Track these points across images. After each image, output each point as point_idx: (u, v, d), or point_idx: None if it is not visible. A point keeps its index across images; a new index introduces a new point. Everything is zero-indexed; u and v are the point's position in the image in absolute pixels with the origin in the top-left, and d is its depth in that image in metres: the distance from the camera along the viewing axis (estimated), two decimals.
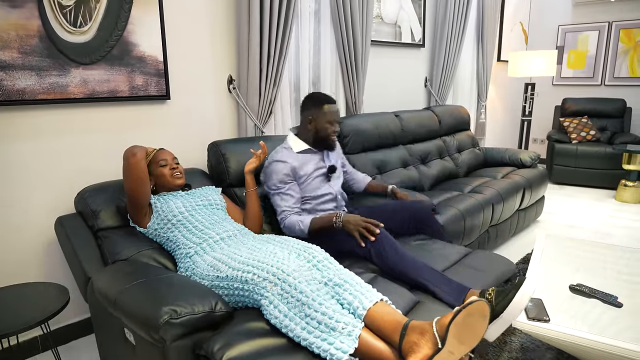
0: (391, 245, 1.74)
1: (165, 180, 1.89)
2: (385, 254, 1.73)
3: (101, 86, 2.06)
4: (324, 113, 2.12)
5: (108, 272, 1.59)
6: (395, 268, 1.70)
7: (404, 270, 1.68)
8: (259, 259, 1.43)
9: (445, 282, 1.61)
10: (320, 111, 2.12)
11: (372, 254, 1.76)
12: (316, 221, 1.99)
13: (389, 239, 1.77)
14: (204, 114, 2.50)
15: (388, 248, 1.74)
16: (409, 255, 1.72)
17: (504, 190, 3.14)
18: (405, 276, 1.66)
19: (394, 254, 1.72)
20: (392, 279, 1.69)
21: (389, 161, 3.07)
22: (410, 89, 4.08)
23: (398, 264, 1.70)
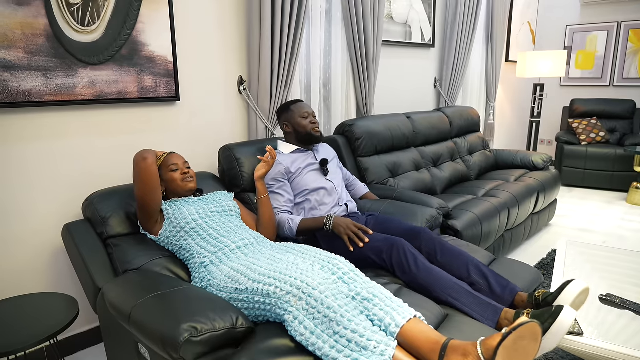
0: (412, 256, 1.66)
1: (176, 185, 1.82)
2: (408, 266, 1.65)
3: (109, 87, 1.98)
4: (293, 111, 2.20)
5: (120, 284, 1.51)
6: (418, 282, 1.62)
7: (428, 285, 1.60)
8: (281, 271, 1.35)
9: (476, 302, 1.51)
10: (289, 112, 2.21)
11: (393, 265, 1.69)
12: (306, 221, 1.97)
13: (409, 249, 1.69)
14: (214, 115, 2.43)
15: (410, 259, 1.66)
16: (433, 269, 1.63)
17: (518, 193, 3.07)
18: (430, 292, 1.58)
19: (415, 266, 1.64)
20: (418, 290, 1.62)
21: (401, 164, 3.00)
22: (420, 90, 4.01)
23: (421, 278, 1.62)
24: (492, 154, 4.00)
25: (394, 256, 1.68)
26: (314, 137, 2.20)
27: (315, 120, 2.21)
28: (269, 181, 2.08)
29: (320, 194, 2.11)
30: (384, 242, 1.75)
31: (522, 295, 1.56)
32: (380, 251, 1.73)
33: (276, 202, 2.05)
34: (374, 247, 1.76)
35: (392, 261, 1.68)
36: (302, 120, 2.18)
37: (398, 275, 1.68)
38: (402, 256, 1.66)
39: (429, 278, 1.58)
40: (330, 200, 2.13)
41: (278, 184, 2.09)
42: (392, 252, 1.69)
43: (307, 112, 2.20)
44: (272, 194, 2.07)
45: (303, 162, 2.17)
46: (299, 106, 2.21)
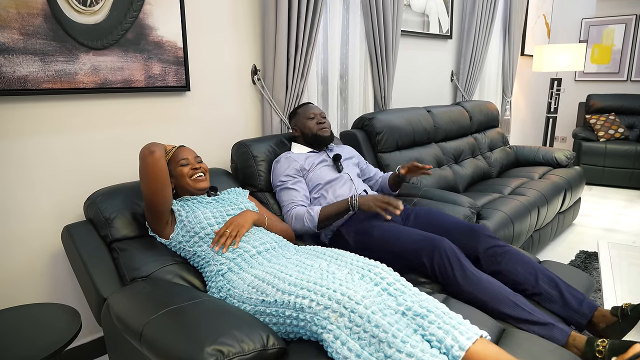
0: (457, 261, 1.47)
1: (186, 181, 1.63)
2: (453, 274, 1.45)
3: (114, 75, 1.80)
4: (299, 114, 2.12)
5: (128, 295, 1.33)
6: (465, 294, 1.43)
7: (476, 298, 1.41)
8: (315, 281, 1.17)
9: (538, 322, 1.31)
10: (296, 115, 2.13)
11: (435, 271, 1.50)
12: (327, 208, 1.80)
13: (454, 251, 1.50)
14: (226, 107, 2.24)
15: (455, 264, 1.46)
16: (482, 279, 1.43)
17: (546, 191, 2.89)
18: (479, 304, 1.39)
19: (461, 273, 1.44)
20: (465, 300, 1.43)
21: (423, 160, 2.81)
22: (436, 83, 3.82)
23: (468, 289, 1.42)
24: (512, 150, 3.82)
25: (436, 259, 1.49)
26: (320, 138, 2.06)
27: (322, 121, 2.09)
28: (283, 177, 1.92)
29: (335, 187, 1.95)
30: (423, 241, 1.55)
31: (602, 310, 1.38)
32: (419, 252, 1.54)
33: (292, 198, 1.88)
34: (412, 247, 1.58)
35: (434, 265, 1.49)
36: (307, 122, 2.07)
37: (440, 283, 1.50)
38: (444, 260, 1.47)
39: (478, 289, 1.40)
40: (347, 190, 1.96)
41: (293, 180, 1.93)
42: (434, 254, 1.50)
43: (313, 113, 2.09)
44: (286, 190, 1.91)
45: (316, 160, 2.03)
46: (305, 108, 2.12)
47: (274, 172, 1.98)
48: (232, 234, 1.47)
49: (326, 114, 2.47)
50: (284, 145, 2.16)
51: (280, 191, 1.93)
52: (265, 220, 1.63)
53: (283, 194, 1.91)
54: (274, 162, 2.01)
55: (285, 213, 1.87)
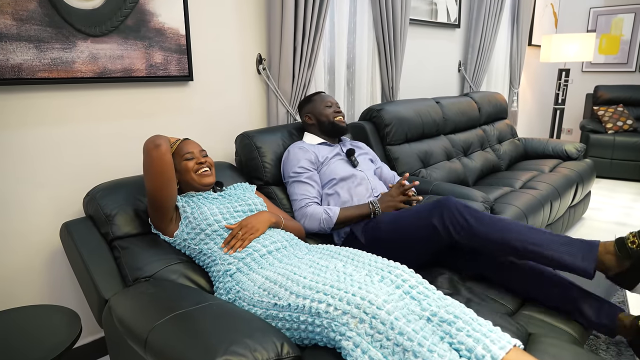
0: (466, 208, 1.42)
1: (190, 177, 1.55)
2: (464, 219, 1.40)
3: (114, 63, 1.70)
4: (315, 101, 2.04)
5: (131, 297, 1.25)
6: (483, 236, 1.37)
7: (500, 237, 1.34)
8: (332, 284, 1.09)
9: (563, 242, 1.28)
10: (312, 103, 2.04)
11: (448, 226, 1.42)
12: (347, 210, 1.74)
13: (461, 203, 1.45)
14: (231, 97, 2.15)
15: (465, 212, 1.41)
16: (495, 218, 1.40)
17: (558, 185, 2.81)
18: (505, 246, 1.34)
19: (472, 216, 1.40)
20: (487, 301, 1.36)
21: (433, 153, 2.73)
22: (444, 73, 3.72)
23: (484, 230, 1.37)
24: (521, 142, 3.74)
25: (446, 215, 1.43)
26: (337, 127, 1.99)
27: (339, 110, 2.03)
28: (297, 169, 1.83)
29: (351, 185, 1.85)
30: (429, 208, 1.51)
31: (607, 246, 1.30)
32: (428, 218, 1.48)
33: (305, 193, 1.80)
34: (419, 217, 1.52)
35: (445, 222, 1.43)
36: (325, 109, 2.00)
37: (456, 237, 1.42)
38: (454, 212, 1.42)
39: (496, 227, 1.35)
40: (363, 190, 1.86)
41: (307, 173, 1.84)
42: (443, 212, 1.45)
43: (331, 102, 2.03)
44: (299, 183, 1.82)
45: (330, 153, 1.94)
46: (322, 96, 2.05)
47: (285, 162, 1.89)
48: (244, 237, 1.39)
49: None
50: (291, 137, 2.07)
51: (293, 184, 1.84)
52: (282, 222, 1.55)
53: (296, 188, 1.82)
54: (286, 151, 1.92)
55: (298, 209, 1.78)
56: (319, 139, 1.99)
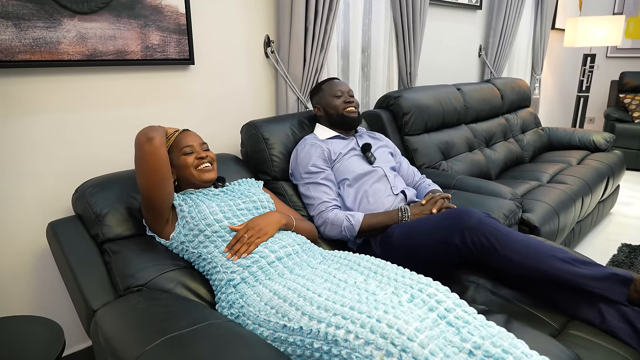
0: (494, 232, 1.25)
1: (190, 173, 1.38)
2: (493, 249, 1.24)
3: (105, 44, 1.53)
4: (324, 91, 1.83)
5: (119, 312, 1.10)
6: (516, 265, 1.23)
7: (528, 265, 1.22)
8: (352, 305, 0.92)
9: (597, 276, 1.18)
10: (320, 92, 1.84)
11: (474, 254, 1.27)
12: (373, 217, 1.55)
13: (485, 222, 1.28)
14: (236, 83, 1.97)
15: (492, 239, 1.25)
16: (523, 241, 1.25)
17: (589, 179, 2.61)
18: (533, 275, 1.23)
19: (502, 245, 1.24)
20: (529, 318, 1.18)
21: (454, 144, 2.53)
22: (463, 58, 3.50)
23: (518, 259, 1.23)
24: (545, 132, 3.51)
25: (468, 236, 1.27)
26: (347, 119, 1.77)
27: (350, 99, 1.80)
28: (310, 168, 1.64)
29: (366, 184, 1.67)
30: (448, 225, 1.33)
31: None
32: (449, 238, 1.31)
33: (322, 196, 1.61)
34: (439, 235, 1.35)
35: (467, 243, 1.27)
36: (333, 100, 1.79)
37: (479, 259, 1.28)
38: (478, 233, 1.26)
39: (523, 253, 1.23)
40: (382, 188, 1.68)
41: (322, 173, 1.65)
42: (465, 233, 1.28)
43: (340, 90, 1.80)
44: (315, 185, 1.64)
45: (344, 148, 1.74)
46: (331, 84, 1.83)
47: (296, 161, 1.70)
48: (251, 240, 1.22)
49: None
50: (302, 127, 1.89)
51: (307, 186, 1.65)
52: (293, 223, 1.37)
53: (312, 190, 1.64)
54: (296, 148, 1.74)
55: (317, 214, 1.61)
56: (330, 132, 1.79)
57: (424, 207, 1.54)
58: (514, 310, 1.26)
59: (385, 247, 1.48)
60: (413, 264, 1.38)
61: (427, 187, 1.83)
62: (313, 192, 1.63)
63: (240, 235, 1.24)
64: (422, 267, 1.38)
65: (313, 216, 1.63)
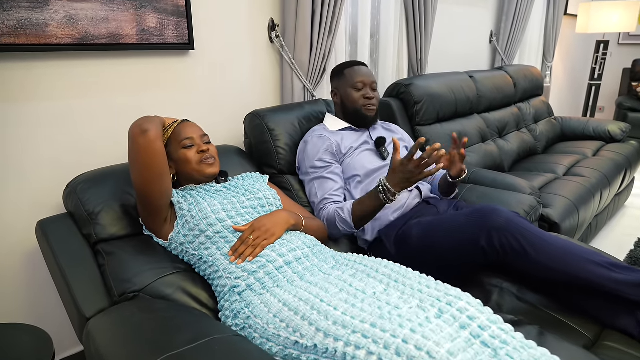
0: (524, 233, 1.15)
1: (191, 168, 1.27)
2: (524, 253, 1.14)
3: (97, 27, 1.41)
4: (345, 77, 1.65)
5: (113, 323, 1.00)
6: (548, 270, 1.14)
7: (560, 270, 1.12)
8: (373, 321, 0.81)
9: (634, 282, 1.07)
10: (341, 77, 1.66)
11: (502, 258, 1.17)
12: (358, 205, 1.40)
13: (514, 223, 1.17)
14: (239, 70, 1.85)
15: (523, 241, 1.15)
16: (556, 245, 1.15)
17: (607, 171, 2.50)
18: (565, 280, 1.13)
19: (534, 249, 1.14)
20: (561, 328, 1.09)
21: (467, 134, 2.42)
22: (474, 44, 3.36)
23: (550, 264, 1.13)
24: (558, 122, 3.39)
25: (496, 238, 1.16)
26: (361, 117, 1.63)
27: (371, 95, 1.62)
28: (316, 162, 1.53)
29: (376, 180, 1.55)
30: (473, 225, 1.22)
31: None
32: (474, 240, 1.20)
33: (326, 192, 1.50)
34: (463, 236, 1.24)
35: (495, 246, 1.16)
36: (352, 92, 1.62)
37: (507, 262, 1.18)
38: (507, 235, 1.15)
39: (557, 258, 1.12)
40: None
41: (328, 167, 1.53)
42: (493, 235, 1.17)
43: (363, 82, 1.62)
44: (320, 180, 1.52)
45: (355, 141, 1.61)
46: (354, 71, 1.64)
47: (303, 154, 1.59)
48: (256, 243, 1.12)
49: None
50: (310, 118, 1.76)
51: (312, 181, 1.54)
52: (302, 223, 1.27)
53: (316, 186, 1.53)
54: (304, 140, 1.62)
55: (318, 212, 1.50)
56: (342, 123, 1.66)
57: (404, 164, 1.25)
58: (543, 318, 1.16)
59: (401, 246, 1.38)
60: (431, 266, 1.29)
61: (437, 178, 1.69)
62: (317, 189, 1.52)
63: (245, 237, 1.14)
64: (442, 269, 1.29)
65: (315, 213, 1.53)
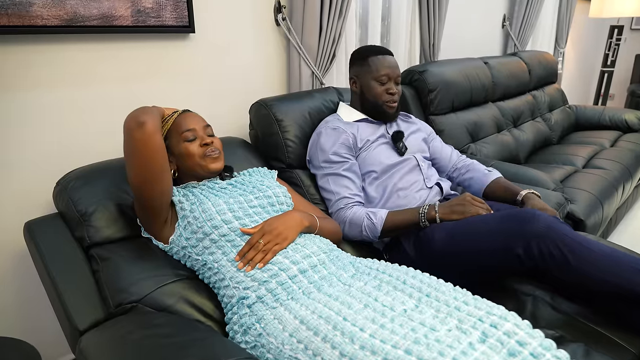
0: (566, 240, 1.04)
1: (193, 163, 1.15)
2: (565, 261, 1.03)
3: (87, 7, 1.27)
4: (369, 66, 1.48)
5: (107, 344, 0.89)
6: (591, 281, 1.03)
7: (604, 280, 1.01)
8: (408, 347, 0.70)
9: None
10: (364, 65, 1.49)
11: (540, 266, 1.06)
12: (395, 216, 1.31)
13: (555, 229, 1.06)
14: (243, 55, 1.72)
15: (565, 249, 1.03)
16: (599, 252, 1.04)
17: (629, 163, 2.39)
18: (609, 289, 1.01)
19: (576, 258, 1.03)
20: (605, 343, 0.98)
21: (482, 124, 2.30)
22: (486, 29, 3.21)
23: (593, 273, 1.02)
24: (572, 111, 3.26)
25: (535, 246, 1.04)
26: (382, 112, 1.49)
27: (394, 90, 1.48)
28: (331, 156, 1.41)
29: (395, 176, 1.44)
30: (507, 230, 1.10)
31: None
32: (509, 246, 1.08)
33: (343, 190, 1.38)
34: (494, 242, 1.12)
35: (534, 254, 1.05)
36: (375, 85, 1.47)
37: (545, 270, 1.06)
38: (548, 242, 1.04)
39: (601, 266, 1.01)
40: (413, 180, 1.45)
41: (345, 163, 1.41)
42: (531, 242, 1.05)
43: (388, 76, 1.47)
44: (335, 177, 1.40)
45: (372, 134, 1.48)
46: (380, 62, 1.47)
47: (316, 147, 1.46)
48: (267, 247, 1.00)
49: None
50: (321, 107, 1.62)
51: (326, 177, 1.42)
52: (317, 225, 1.15)
53: (331, 183, 1.41)
54: (316, 131, 1.49)
55: (335, 211, 1.38)
56: (358, 114, 1.52)
57: (467, 200, 1.26)
58: (585, 332, 1.05)
59: (422, 249, 1.26)
60: (455, 271, 1.18)
61: (482, 173, 1.54)
62: (333, 186, 1.40)
63: (254, 241, 1.02)
64: (467, 275, 1.19)
65: (331, 213, 1.41)
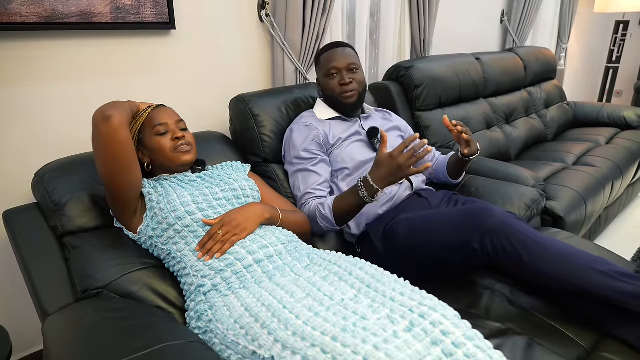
0: (519, 237, 1.07)
1: (164, 156, 1.19)
2: (518, 258, 1.06)
3: (66, 4, 1.32)
4: (320, 65, 1.54)
5: (67, 327, 0.94)
6: (544, 277, 1.06)
7: (557, 277, 1.04)
8: (335, 334, 0.73)
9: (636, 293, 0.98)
10: (318, 65, 1.55)
11: (494, 261, 1.09)
12: (339, 201, 1.31)
13: (508, 225, 1.08)
14: (226, 51, 1.75)
15: (518, 246, 1.06)
16: (553, 249, 1.07)
17: (620, 161, 2.36)
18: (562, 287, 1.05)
19: (529, 255, 1.06)
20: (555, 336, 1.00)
21: (471, 120, 2.30)
22: (483, 25, 3.19)
23: (546, 270, 1.05)
24: (570, 107, 3.23)
25: (489, 242, 1.08)
26: (341, 105, 1.50)
27: (346, 80, 1.47)
28: (301, 152, 1.43)
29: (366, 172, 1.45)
30: (464, 226, 1.12)
31: None
32: (465, 241, 1.11)
33: (310, 185, 1.41)
34: (454, 236, 1.14)
35: (487, 249, 1.08)
36: (327, 82, 1.51)
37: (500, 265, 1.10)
38: (501, 238, 1.07)
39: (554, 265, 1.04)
40: None
41: (313, 160, 1.43)
42: (485, 238, 1.08)
43: (336, 68, 1.49)
44: (304, 173, 1.43)
45: (345, 132, 1.50)
46: (327, 57, 1.51)
47: (289, 144, 1.49)
48: (225, 238, 1.04)
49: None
50: (299, 103, 1.66)
51: (296, 174, 1.45)
52: (279, 216, 1.18)
53: (300, 179, 1.43)
54: (290, 127, 1.52)
55: (300, 207, 1.41)
56: (331, 112, 1.54)
57: (393, 156, 1.16)
58: (536, 325, 1.07)
59: (388, 243, 1.29)
60: (419, 264, 1.22)
61: (442, 159, 1.66)
62: (300, 182, 1.43)
63: (213, 232, 1.06)
64: (430, 269, 1.22)
65: (299, 208, 1.44)
